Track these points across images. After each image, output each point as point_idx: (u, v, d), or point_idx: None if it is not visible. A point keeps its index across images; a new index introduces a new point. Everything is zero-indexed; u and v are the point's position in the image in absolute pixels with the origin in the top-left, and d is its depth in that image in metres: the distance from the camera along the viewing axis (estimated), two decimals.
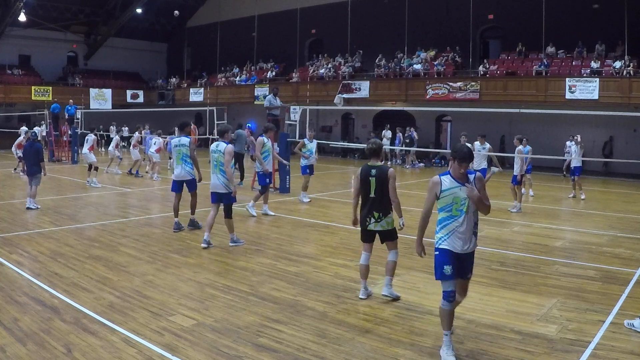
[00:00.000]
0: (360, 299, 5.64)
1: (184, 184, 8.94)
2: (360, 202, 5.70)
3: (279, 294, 5.77)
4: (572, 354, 4.34)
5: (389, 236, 5.61)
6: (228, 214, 7.82)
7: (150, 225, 9.47)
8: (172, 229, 8.92)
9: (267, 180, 10.47)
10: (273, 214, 10.48)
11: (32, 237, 8.27)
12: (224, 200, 7.80)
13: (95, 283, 5.99)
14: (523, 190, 14.12)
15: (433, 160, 24.26)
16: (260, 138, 10.48)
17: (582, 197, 13.81)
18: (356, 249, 7.84)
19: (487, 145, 12.11)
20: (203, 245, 7.73)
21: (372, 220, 5.50)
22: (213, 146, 7.93)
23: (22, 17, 29.71)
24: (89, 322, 4.82)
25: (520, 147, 11.88)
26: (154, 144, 16.54)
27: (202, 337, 4.56)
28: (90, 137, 15.03)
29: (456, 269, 4.25)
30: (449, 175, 4.28)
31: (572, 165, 14.05)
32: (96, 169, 14.55)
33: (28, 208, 10.55)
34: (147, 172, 16.95)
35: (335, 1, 28.44)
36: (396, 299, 5.61)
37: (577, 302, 5.61)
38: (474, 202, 4.21)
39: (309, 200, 12.27)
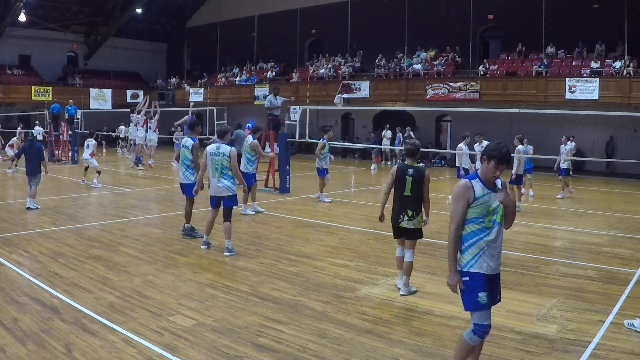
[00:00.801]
0: (397, 287, 5.88)
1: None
2: (384, 199, 5.97)
3: (279, 294, 5.77)
4: (572, 354, 4.34)
5: (416, 235, 5.82)
6: (228, 216, 7.34)
7: (150, 225, 9.46)
8: (172, 229, 8.94)
9: (253, 180, 10.55)
10: (262, 210, 10.76)
11: (32, 237, 8.26)
12: (225, 202, 7.39)
13: (95, 283, 5.98)
14: (523, 190, 14.16)
15: (433, 161, 24.25)
16: (254, 141, 10.49)
17: (559, 196, 13.90)
18: (356, 249, 7.85)
19: (485, 143, 11.63)
20: (203, 247, 7.69)
21: (405, 217, 5.70)
22: (212, 148, 7.42)
23: (22, 17, 29.72)
24: (89, 322, 4.82)
25: (520, 147, 11.86)
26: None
27: (202, 337, 4.56)
28: (91, 143, 14.63)
29: (491, 296, 3.63)
30: (478, 180, 3.61)
31: (561, 165, 14.08)
32: (99, 172, 14.45)
33: (28, 208, 10.55)
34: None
35: (335, 1, 28.43)
36: (414, 292, 5.84)
37: (577, 302, 5.60)
38: (509, 210, 3.62)
39: (330, 200, 12.33)
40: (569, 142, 14.21)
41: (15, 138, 17.86)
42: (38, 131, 22.05)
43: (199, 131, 8.83)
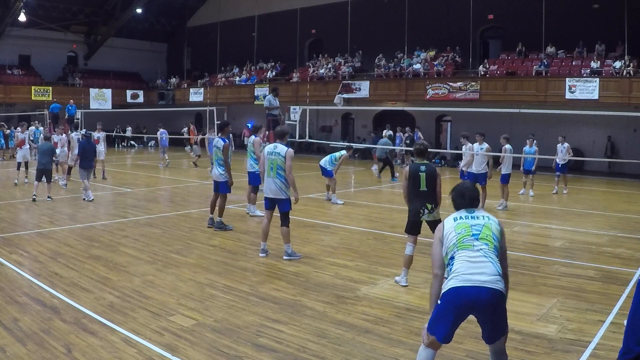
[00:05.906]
0: (403, 286, 6.02)
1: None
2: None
3: (279, 294, 5.76)
4: (572, 354, 4.34)
5: (438, 225, 6.03)
6: (284, 221, 7.12)
7: (150, 225, 9.46)
8: (172, 229, 8.95)
9: (260, 180, 10.52)
10: (261, 213, 10.61)
11: (32, 237, 8.26)
12: (279, 207, 7.13)
13: (95, 283, 5.98)
14: (523, 190, 14.20)
15: (433, 160, 24.24)
16: (257, 138, 10.50)
17: (565, 193, 14.13)
18: (356, 249, 7.85)
19: (485, 145, 11.33)
20: (261, 255, 7.29)
21: (426, 211, 6.05)
22: (270, 148, 7.24)
23: (22, 17, 29.72)
24: (89, 322, 4.82)
25: (507, 146, 11.87)
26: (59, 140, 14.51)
27: (202, 337, 4.56)
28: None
29: None
30: None
31: (560, 163, 14.31)
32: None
33: (86, 199, 11.55)
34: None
35: (335, 1, 28.45)
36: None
37: (577, 302, 5.60)
38: None
39: (343, 202, 12.19)
40: (565, 142, 14.41)
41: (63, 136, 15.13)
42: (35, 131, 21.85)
43: (229, 131, 9.38)
